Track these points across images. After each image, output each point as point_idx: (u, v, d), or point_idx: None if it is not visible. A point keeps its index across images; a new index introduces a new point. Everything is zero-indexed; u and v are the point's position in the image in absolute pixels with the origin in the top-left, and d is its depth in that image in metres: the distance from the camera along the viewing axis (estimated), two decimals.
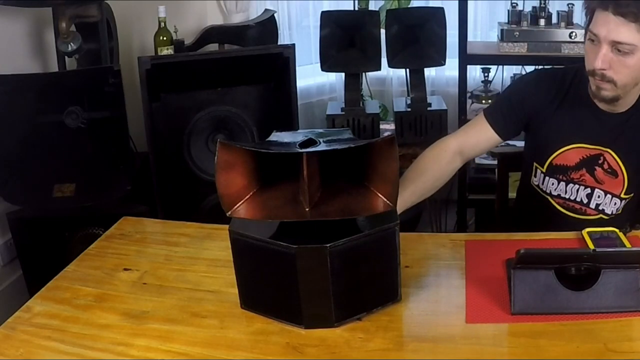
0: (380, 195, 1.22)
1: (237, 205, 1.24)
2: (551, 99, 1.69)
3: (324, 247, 1.18)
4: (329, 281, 1.20)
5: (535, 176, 1.78)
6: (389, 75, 3.50)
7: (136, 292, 1.40)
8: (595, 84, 1.55)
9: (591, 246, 1.42)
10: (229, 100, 2.55)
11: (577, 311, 1.22)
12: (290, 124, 2.59)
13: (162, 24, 2.77)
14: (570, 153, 1.68)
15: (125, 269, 1.50)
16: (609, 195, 1.69)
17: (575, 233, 1.51)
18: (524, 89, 1.76)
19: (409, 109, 2.98)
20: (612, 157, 1.65)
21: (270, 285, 1.27)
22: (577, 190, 1.71)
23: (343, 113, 3.02)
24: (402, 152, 2.92)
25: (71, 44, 2.34)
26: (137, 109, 2.44)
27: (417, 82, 2.99)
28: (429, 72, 3.29)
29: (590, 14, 1.52)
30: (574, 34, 2.76)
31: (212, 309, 1.32)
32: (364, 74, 3.26)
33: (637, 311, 1.21)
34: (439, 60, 2.92)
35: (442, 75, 3.42)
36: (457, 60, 2.98)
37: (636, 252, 1.28)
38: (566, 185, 1.71)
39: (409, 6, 3.25)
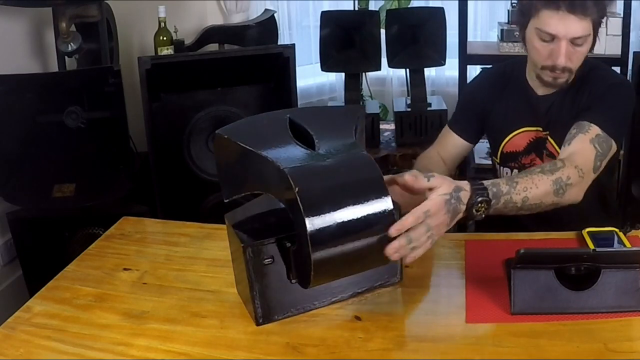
0: None
1: None
2: (496, 91, 1.77)
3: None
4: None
5: (497, 171, 1.82)
6: (389, 75, 3.51)
7: (136, 292, 1.40)
8: (552, 76, 1.60)
9: (591, 246, 1.42)
10: (229, 100, 2.55)
11: (577, 311, 1.22)
12: None
13: (162, 24, 2.77)
14: (517, 138, 1.73)
15: (125, 269, 1.50)
16: None
17: (575, 233, 1.51)
18: (472, 89, 1.89)
19: (409, 109, 2.99)
20: (549, 142, 1.69)
21: None
22: None
23: None
24: (402, 152, 2.92)
25: (71, 44, 2.35)
26: (137, 109, 2.43)
27: (417, 82, 2.99)
28: (429, 72, 3.30)
29: (533, 12, 1.56)
30: None
31: (212, 309, 1.32)
32: (364, 74, 3.26)
33: (637, 311, 1.21)
34: (439, 60, 2.93)
35: (442, 75, 3.43)
36: (457, 60, 2.98)
37: (636, 252, 1.27)
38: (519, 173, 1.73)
39: (409, 6, 3.26)
